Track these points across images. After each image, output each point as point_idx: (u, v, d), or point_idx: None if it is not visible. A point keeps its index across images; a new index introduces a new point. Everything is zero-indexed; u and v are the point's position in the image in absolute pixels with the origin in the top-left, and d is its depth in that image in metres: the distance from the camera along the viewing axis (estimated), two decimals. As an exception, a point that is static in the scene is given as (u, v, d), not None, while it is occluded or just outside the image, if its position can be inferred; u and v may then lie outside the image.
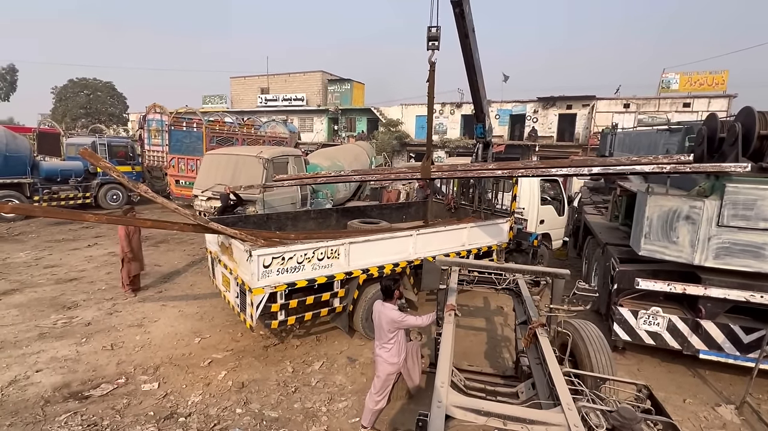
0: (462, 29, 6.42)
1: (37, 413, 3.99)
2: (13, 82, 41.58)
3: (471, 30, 6.40)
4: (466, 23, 6.31)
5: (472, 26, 6.40)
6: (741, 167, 4.05)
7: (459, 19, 6.36)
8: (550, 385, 2.69)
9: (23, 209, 5.47)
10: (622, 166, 4.54)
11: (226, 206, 7.70)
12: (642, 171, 4.42)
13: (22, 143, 12.84)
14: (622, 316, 5.30)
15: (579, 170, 4.78)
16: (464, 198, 8.68)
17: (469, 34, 6.39)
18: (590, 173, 4.76)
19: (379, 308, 3.82)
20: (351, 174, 6.19)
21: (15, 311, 6.21)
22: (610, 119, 22.92)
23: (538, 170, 5.13)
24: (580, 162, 4.87)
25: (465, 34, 6.42)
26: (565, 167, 4.94)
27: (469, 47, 6.52)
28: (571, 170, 4.87)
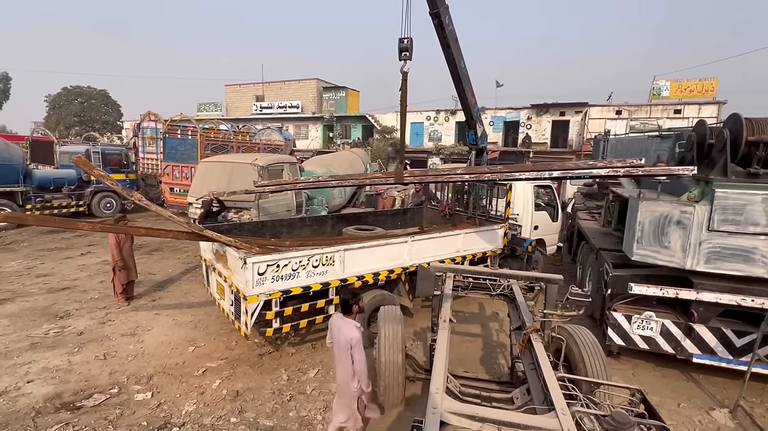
0: (443, 39, 6.53)
1: (28, 424, 3.93)
2: (6, 90, 41.34)
3: (452, 40, 6.49)
4: (446, 33, 6.41)
5: (453, 36, 6.49)
6: (688, 170, 4.24)
7: (438, 29, 6.46)
8: (545, 390, 2.71)
9: (15, 218, 5.46)
10: (580, 169, 4.76)
11: (208, 213, 7.50)
12: (598, 174, 4.65)
13: (14, 151, 12.75)
14: (616, 321, 5.33)
15: (541, 174, 4.97)
16: (459, 204, 8.72)
17: (451, 44, 6.49)
18: (551, 177, 4.94)
19: (338, 322, 3.47)
20: (329, 179, 6.23)
21: (6, 321, 6.14)
22: (603, 126, 23.21)
23: (503, 173, 5.32)
24: (542, 167, 5.06)
25: (446, 44, 6.53)
26: (528, 171, 5.16)
27: (452, 56, 6.61)
28: (533, 174, 5.08)
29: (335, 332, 3.45)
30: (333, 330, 3.49)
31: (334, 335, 3.48)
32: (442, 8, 6.28)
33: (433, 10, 6.30)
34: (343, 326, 3.39)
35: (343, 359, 3.37)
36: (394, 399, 4.17)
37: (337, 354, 3.44)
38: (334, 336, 3.46)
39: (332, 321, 3.56)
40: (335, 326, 3.47)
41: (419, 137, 31.86)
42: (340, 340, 3.37)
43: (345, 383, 3.44)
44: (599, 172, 4.57)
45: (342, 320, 3.45)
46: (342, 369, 3.42)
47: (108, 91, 42.49)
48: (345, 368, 3.39)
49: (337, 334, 3.42)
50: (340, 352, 3.39)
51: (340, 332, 3.39)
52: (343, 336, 3.35)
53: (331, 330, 3.52)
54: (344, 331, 3.36)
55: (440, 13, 6.26)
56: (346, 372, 3.40)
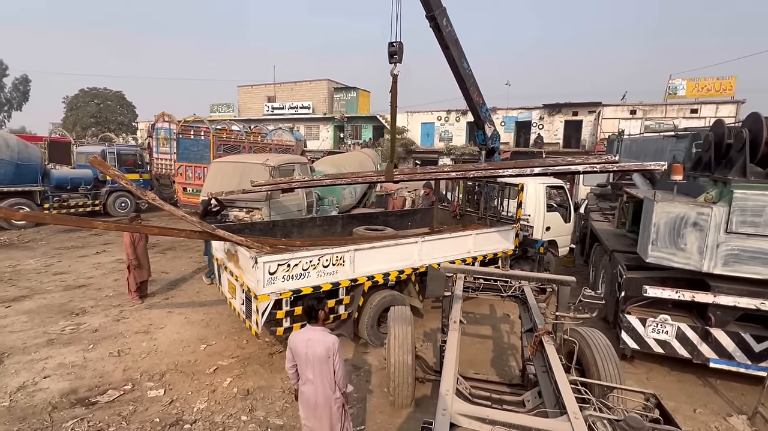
0: (441, 41, 6.51)
1: (44, 419, 4.02)
2: (25, 92, 42.46)
3: (452, 42, 6.45)
4: (444, 35, 6.39)
5: (452, 38, 6.45)
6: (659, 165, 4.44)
7: (436, 32, 6.44)
8: (557, 393, 2.67)
9: (34, 217, 5.57)
10: (559, 166, 4.97)
11: (206, 212, 7.49)
12: (576, 170, 4.89)
13: (33, 151, 13.07)
14: (629, 324, 5.24)
15: (522, 170, 5.18)
16: (470, 205, 8.68)
17: (450, 46, 6.46)
18: (532, 173, 5.14)
19: (306, 335, 3.05)
20: (322, 178, 6.30)
21: (24, 317, 6.28)
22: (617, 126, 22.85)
23: (487, 170, 5.56)
24: (523, 164, 5.31)
25: (445, 46, 6.51)
26: (510, 168, 5.34)
27: (452, 57, 6.57)
28: (516, 171, 5.26)
29: (303, 347, 3.02)
30: (299, 347, 3.04)
31: (300, 351, 3.03)
32: (438, 11, 6.24)
33: (428, 13, 6.28)
34: (315, 336, 3.02)
35: (324, 372, 3.01)
36: (404, 400, 4.16)
37: (312, 371, 3.02)
38: (302, 352, 3.02)
39: (296, 338, 3.09)
40: (302, 340, 3.04)
41: (430, 137, 31.79)
42: (317, 352, 2.98)
43: (327, 401, 3.05)
44: (578, 168, 4.78)
45: (311, 331, 3.05)
46: (322, 385, 3.03)
47: (123, 93, 43.28)
48: (327, 382, 3.03)
49: (307, 348, 3.00)
50: (318, 366, 3.00)
51: (312, 344, 3.00)
52: (320, 347, 2.98)
53: (295, 348, 3.06)
54: (320, 341, 2.99)
55: (436, 16, 6.23)
56: (329, 387, 3.05)
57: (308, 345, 3.01)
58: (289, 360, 3.16)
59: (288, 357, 3.15)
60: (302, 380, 3.11)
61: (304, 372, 3.08)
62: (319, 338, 3.02)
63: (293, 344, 3.09)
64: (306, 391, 3.09)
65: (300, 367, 3.10)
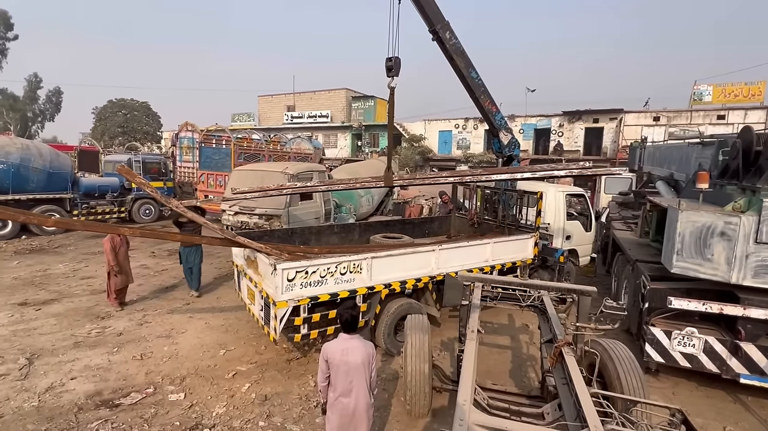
0: (446, 52, 6.50)
1: (70, 419, 4.14)
2: (58, 104, 44.36)
3: (457, 53, 6.44)
4: (447, 47, 6.38)
5: (457, 50, 6.44)
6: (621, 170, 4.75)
7: (440, 44, 6.44)
8: (577, 406, 2.62)
9: (64, 223, 5.78)
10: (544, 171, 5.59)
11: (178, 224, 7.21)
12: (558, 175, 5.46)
13: (64, 160, 13.61)
14: (654, 336, 5.08)
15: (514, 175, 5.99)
16: (488, 213, 8.61)
17: (456, 57, 6.45)
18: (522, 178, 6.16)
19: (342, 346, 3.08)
20: (318, 185, 6.32)
21: (53, 320, 6.51)
22: (639, 133, 22.38)
23: (482, 176, 6.36)
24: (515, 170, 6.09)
25: (450, 57, 6.49)
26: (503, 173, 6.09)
27: (459, 69, 6.55)
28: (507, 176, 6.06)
29: (339, 356, 3.04)
30: (336, 357, 3.05)
31: (338, 361, 3.04)
32: (440, 26, 6.24)
33: (431, 28, 6.30)
34: (353, 344, 3.08)
35: (361, 380, 3.06)
36: (421, 409, 4.13)
37: (351, 380, 3.04)
38: (340, 362, 3.03)
39: (331, 348, 3.10)
40: (338, 350, 3.06)
41: (447, 145, 31.76)
42: (356, 361, 3.02)
43: (366, 408, 3.09)
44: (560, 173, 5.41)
45: (348, 341, 3.10)
46: (363, 392, 3.07)
47: (149, 103, 44.79)
48: (365, 389, 3.08)
49: (347, 357, 3.04)
50: (357, 374, 3.04)
51: (350, 353, 3.04)
52: (360, 355, 3.04)
53: (332, 358, 3.06)
54: (358, 349, 3.06)
55: (438, 31, 6.24)
56: (367, 393, 3.09)
57: (346, 354, 3.04)
58: (323, 372, 3.12)
59: (322, 368, 3.12)
60: (337, 391, 3.08)
61: (341, 382, 3.06)
62: (356, 346, 3.08)
63: (329, 354, 3.08)
64: (344, 401, 3.07)
65: (335, 378, 3.08)
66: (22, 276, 8.65)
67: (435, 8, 6.22)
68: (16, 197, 11.95)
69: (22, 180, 12.21)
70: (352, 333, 3.16)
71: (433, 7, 6.20)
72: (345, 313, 3.16)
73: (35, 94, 42.59)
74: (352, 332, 3.16)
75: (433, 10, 6.18)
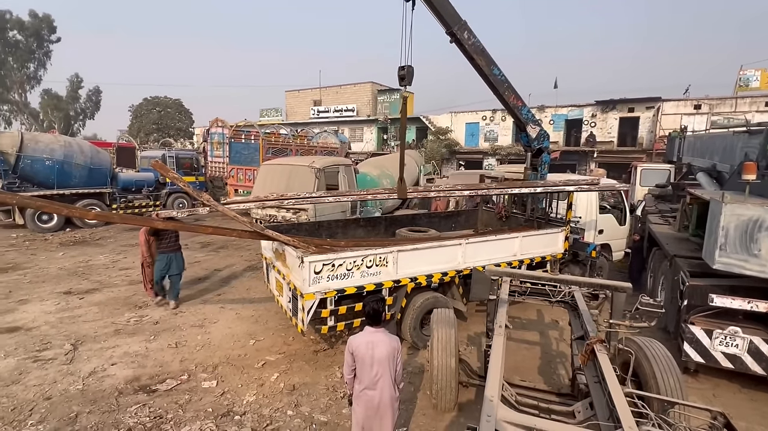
0: (465, 53, 6.31)
1: (111, 403, 4.36)
2: (97, 102, 46.40)
3: (476, 53, 6.24)
4: (466, 48, 6.18)
5: (477, 49, 6.23)
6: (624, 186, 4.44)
7: (458, 45, 6.25)
8: (610, 406, 2.53)
9: (104, 216, 6.06)
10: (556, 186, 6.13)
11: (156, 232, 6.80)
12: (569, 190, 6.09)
13: (104, 156, 14.27)
14: (693, 335, 4.86)
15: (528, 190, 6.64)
16: (516, 207, 8.43)
17: (475, 57, 6.25)
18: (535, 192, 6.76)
19: (368, 338, 3.10)
20: (325, 195, 6.02)
21: (95, 308, 6.86)
22: (678, 122, 21.30)
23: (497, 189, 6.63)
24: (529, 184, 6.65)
25: (470, 57, 6.30)
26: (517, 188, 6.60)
27: (480, 67, 6.36)
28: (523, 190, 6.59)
29: (365, 349, 3.06)
30: (361, 350, 3.07)
31: (364, 354, 3.06)
32: (457, 27, 6.04)
33: (447, 30, 6.11)
34: (378, 338, 3.09)
35: (387, 373, 3.07)
36: (447, 404, 4.11)
37: (376, 373, 3.06)
38: (366, 355, 3.05)
39: (357, 341, 3.11)
40: (363, 343, 3.08)
41: (474, 137, 31.24)
42: (382, 354, 3.04)
43: (391, 400, 3.11)
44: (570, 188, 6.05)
45: (373, 334, 3.11)
46: (388, 385, 3.08)
47: (182, 101, 46.18)
48: (390, 382, 3.09)
49: (372, 350, 3.05)
50: (382, 367, 3.05)
51: (376, 346, 3.06)
52: (386, 348, 3.05)
53: (357, 351, 3.08)
54: (384, 342, 3.08)
55: (455, 32, 6.05)
56: (392, 386, 3.12)
57: (371, 347, 3.06)
58: (349, 365, 3.15)
59: (348, 362, 3.15)
60: (363, 383, 3.11)
61: (367, 374, 3.08)
62: (382, 339, 3.09)
63: (354, 347, 3.10)
64: (369, 393, 3.09)
65: (361, 370, 3.11)
66: (66, 267, 9.15)
67: (451, 9, 6.01)
68: (60, 192, 12.62)
69: (65, 176, 12.89)
70: (377, 326, 3.17)
71: (449, 9, 5.99)
72: (369, 306, 3.17)
73: (77, 94, 44.67)
74: (376, 325, 3.17)
75: (448, 12, 5.98)
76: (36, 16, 40.19)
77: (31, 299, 7.18)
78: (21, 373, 4.86)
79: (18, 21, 39.25)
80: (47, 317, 6.47)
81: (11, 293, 7.44)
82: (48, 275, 8.59)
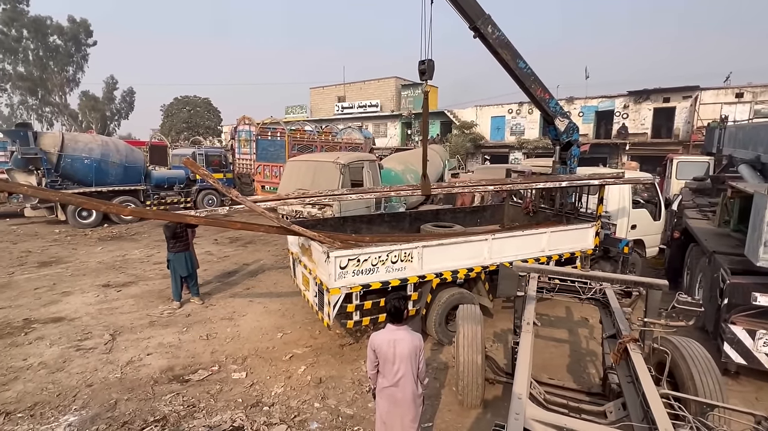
0: (489, 47, 6.14)
1: (148, 391, 4.55)
2: (131, 103, 48.19)
3: (501, 46, 6.06)
4: (490, 42, 6.01)
5: (501, 42, 6.05)
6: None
7: (482, 40, 6.07)
8: (645, 407, 2.45)
9: (139, 212, 6.27)
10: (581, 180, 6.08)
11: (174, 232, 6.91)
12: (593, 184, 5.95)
13: (138, 155, 14.83)
14: (734, 335, 4.63)
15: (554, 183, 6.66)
16: (544, 201, 8.23)
17: (500, 50, 6.07)
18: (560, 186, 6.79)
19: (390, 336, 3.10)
20: (346, 193, 5.89)
21: (132, 301, 7.16)
22: (719, 111, 20.25)
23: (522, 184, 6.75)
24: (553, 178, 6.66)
25: (495, 51, 6.13)
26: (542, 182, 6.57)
27: (505, 61, 6.19)
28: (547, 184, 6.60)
29: (387, 347, 3.07)
30: (383, 348, 3.08)
31: (386, 351, 3.07)
32: (481, 21, 5.87)
33: (471, 25, 5.95)
34: (400, 335, 3.10)
35: (410, 370, 3.08)
36: (473, 400, 4.09)
37: (399, 370, 3.07)
38: (389, 352, 3.07)
39: (379, 339, 3.12)
40: (386, 341, 3.09)
41: (500, 131, 30.67)
42: (404, 351, 3.05)
43: (413, 397, 3.13)
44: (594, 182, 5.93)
45: (395, 332, 3.12)
46: (410, 382, 3.10)
47: (210, 99, 47.36)
48: (413, 379, 3.11)
49: (394, 348, 3.06)
50: (405, 364, 3.06)
51: (398, 344, 3.06)
52: (408, 345, 3.06)
53: (380, 348, 3.09)
54: (406, 340, 3.08)
55: (479, 27, 5.89)
56: (415, 383, 3.13)
57: (394, 345, 3.06)
58: (371, 362, 3.17)
59: (371, 358, 3.17)
60: (386, 380, 3.12)
61: (389, 371, 3.10)
62: (404, 337, 3.09)
63: (377, 345, 3.11)
64: (392, 390, 3.11)
65: (384, 367, 3.13)
66: (104, 261, 9.59)
67: (474, 4, 5.88)
68: (98, 189, 13.21)
69: (102, 174, 13.47)
70: (399, 323, 3.17)
71: (472, 3, 5.86)
72: (391, 303, 3.16)
73: (112, 95, 46.54)
74: (398, 323, 3.17)
75: (471, 6, 5.85)
76: (74, 21, 42.05)
77: (73, 292, 7.57)
78: (65, 361, 5.14)
79: (58, 26, 41.16)
80: (88, 308, 6.80)
81: (55, 286, 7.86)
82: (88, 268, 9.02)
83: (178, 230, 6.87)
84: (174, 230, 6.83)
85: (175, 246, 6.90)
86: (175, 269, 6.91)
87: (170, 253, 6.91)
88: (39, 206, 13.01)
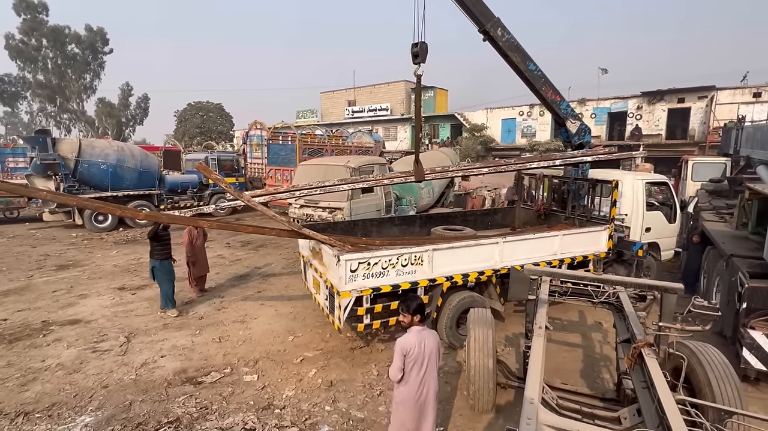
0: (499, 50, 6.12)
1: (161, 393, 4.61)
2: (146, 109, 49.09)
3: (511, 49, 6.04)
4: (500, 45, 5.99)
5: (511, 45, 6.03)
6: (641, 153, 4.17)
7: (491, 43, 6.05)
8: (660, 413, 2.41)
9: (153, 216, 6.36)
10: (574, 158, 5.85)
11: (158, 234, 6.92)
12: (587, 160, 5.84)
13: (152, 160, 15.09)
14: (753, 341, 4.52)
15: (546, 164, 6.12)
16: (556, 204, 8.16)
17: (509, 53, 6.05)
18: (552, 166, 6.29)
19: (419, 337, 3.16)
20: (338, 183, 5.85)
21: (146, 303, 7.27)
22: (735, 112, 19.86)
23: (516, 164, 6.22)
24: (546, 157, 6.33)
25: (504, 54, 6.10)
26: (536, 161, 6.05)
27: (514, 63, 6.16)
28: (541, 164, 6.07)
29: (417, 347, 3.13)
30: (415, 350, 3.12)
31: (416, 352, 3.12)
32: (490, 24, 5.83)
33: (480, 28, 5.92)
34: (425, 334, 3.20)
35: (433, 368, 3.19)
36: (484, 405, 4.05)
37: (425, 368, 3.15)
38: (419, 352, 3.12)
39: (408, 341, 3.15)
40: (414, 342, 3.13)
41: (511, 133, 30.51)
42: (432, 348, 3.17)
43: (435, 395, 3.25)
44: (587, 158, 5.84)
45: (421, 333, 3.19)
46: (433, 380, 3.20)
47: (222, 105, 48.03)
48: (434, 377, 3.21)
49: (423, 348, 3.14)
50: (431, 362, 3.17)
51: (426, 342, 3.15)
52: (433, 343, 3.19)
53: (411, 350, 3.12)
54: (431, 337, 3.21)
55: (488, 30, 5.86)
56: (436, 380, 3.23)
57: (423, 344, 3.15)
58: (399, 368, 3.16)
59: (398, 365, 3.15)
60: (412, 381, 3.16)
61: (417, 372, 3.15)
62: (428, 335, 3.23)
63: (407, 347, 3.13)
64: (417, 391, 3.17)
65: (411, 368, 3.15)
66: (120, 264, 9.76)
67: (483, 7, 5.84)
68: (114, 194, 13.48)
69: (118, 179, 13.74)
70: (422, 323, 3.26)
71: (481, 6, 5.83)
72: (414, 302, 3.25)
73: (127, 101, 47.46)
74: (422, 322, 3.26)
75: (480, 10, 5.82)
76: (91, 30, 43.07)
77: (89, 294, 7.72)
78: (81, 362, 5.24)
79: (75, 35, 42.20)
80: (104, 311, 6.93)
81: (72, 289, 8.03)
82: (104, 271, 9.19)
83: (161, 233, 6.85)
84: (156, 231, 6.79)
85: (160, 253, 6.82)
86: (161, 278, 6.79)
87: (154, 260, 6.81)
88: (57, 211, 13.31)
